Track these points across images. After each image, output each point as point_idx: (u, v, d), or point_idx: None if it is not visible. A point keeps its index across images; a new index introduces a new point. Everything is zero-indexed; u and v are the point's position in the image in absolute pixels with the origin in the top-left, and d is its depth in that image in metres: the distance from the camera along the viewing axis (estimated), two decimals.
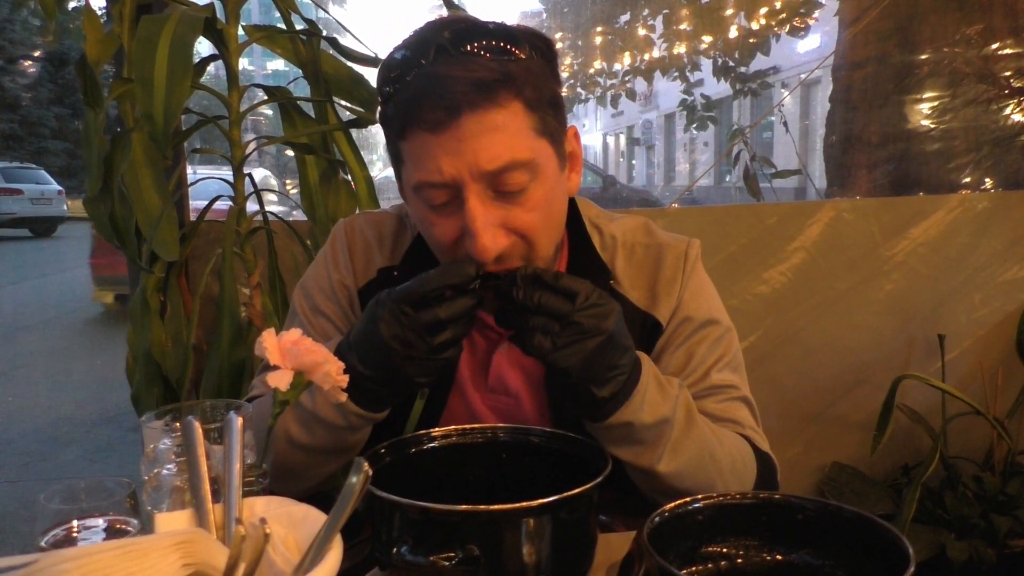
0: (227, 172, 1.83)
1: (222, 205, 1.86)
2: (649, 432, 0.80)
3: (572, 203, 0.94)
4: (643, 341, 0.93)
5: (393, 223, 0.98)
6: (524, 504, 0.63)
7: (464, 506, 0.62)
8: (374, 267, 0.95)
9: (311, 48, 1.80)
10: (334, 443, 0.85)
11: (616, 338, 0.76)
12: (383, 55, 0.85)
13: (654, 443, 0.81)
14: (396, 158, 0.84)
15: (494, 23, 0.79)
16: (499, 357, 0.94)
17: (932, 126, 2.81)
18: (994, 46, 2.70)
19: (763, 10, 5.44)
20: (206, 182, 2.42)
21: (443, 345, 0.77)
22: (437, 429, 0.81)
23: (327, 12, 2.14)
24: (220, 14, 1.71)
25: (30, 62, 23.44)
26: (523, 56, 0.77)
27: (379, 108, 0.84)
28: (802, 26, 5.51)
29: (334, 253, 0.97)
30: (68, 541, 0.59)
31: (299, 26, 1.80)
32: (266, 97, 1.85)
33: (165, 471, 0.65)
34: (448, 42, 0.76)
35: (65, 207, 15.92)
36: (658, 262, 0.94)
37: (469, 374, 0.95)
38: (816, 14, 5.50)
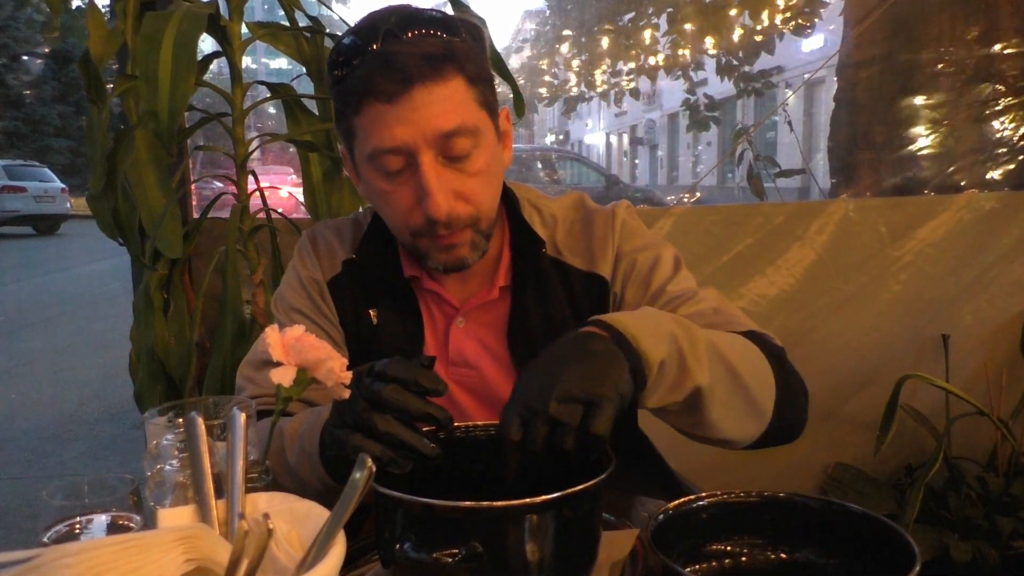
0: None
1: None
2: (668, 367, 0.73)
3: (506, 186, 1.01)
4: (592, 299, 1.00)
5: (349, 223, 1.07)
6: (527, 501, 0.62)
7: (467, 503, 0.62)
8: (338, 261, 1.03)
9: (314, 45, 1.80)
10: (320, 485, 0.85)
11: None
12: None
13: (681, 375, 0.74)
14: (349, 133, 0.91)
15: (431, 10, 0.88)
16: (455, 331, 0.99)
17: (938, 125, 2.79)
18: (999, 45, 2.69)
19: (766, 13, 5.42)
20: None
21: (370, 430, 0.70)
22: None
23: (330, 9, 2.14)
24: (224, 11, 1.72)
25: (35, 59, 23.49)
26: (460, 38, 0.87)
27: (331, 89, 0.91)
28: (807, 24, 5.49)
29: (301, 257, 1.05)
30: (71, 537, 0.59)
31: (302, 23, 1.80)
32: (269, 94, 1.85)
33: (168, 467, 0.65)
34: (395, 26, 0.84)
35: (68, 205, 15.95)
36: (590, 228, 1.02)
37: (433, 349, 1.00)
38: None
